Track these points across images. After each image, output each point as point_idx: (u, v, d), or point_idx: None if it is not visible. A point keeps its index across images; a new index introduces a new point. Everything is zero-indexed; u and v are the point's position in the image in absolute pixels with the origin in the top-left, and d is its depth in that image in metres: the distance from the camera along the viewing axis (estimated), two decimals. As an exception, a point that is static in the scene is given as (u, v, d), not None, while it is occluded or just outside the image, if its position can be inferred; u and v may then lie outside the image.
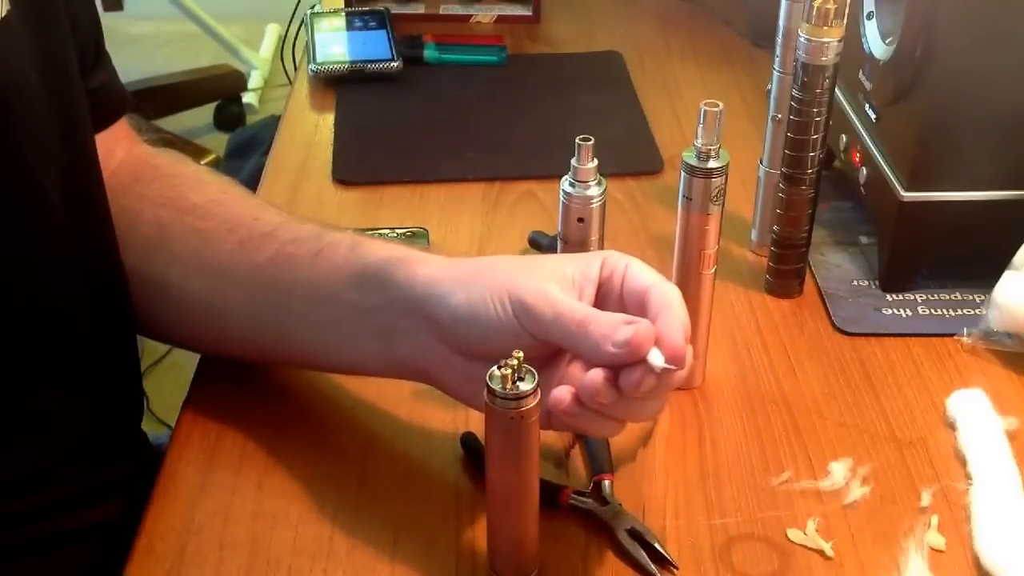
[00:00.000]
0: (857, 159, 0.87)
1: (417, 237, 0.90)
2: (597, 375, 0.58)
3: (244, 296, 0.70)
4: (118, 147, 0.77)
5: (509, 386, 0.55)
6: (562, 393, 0.59)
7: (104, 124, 0.76)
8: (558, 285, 0.61)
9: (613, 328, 0.58)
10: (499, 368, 0.55)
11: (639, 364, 0.57)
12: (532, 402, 0.55)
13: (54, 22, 0.67)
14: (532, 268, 0.62)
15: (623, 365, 0.58)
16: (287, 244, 0.70)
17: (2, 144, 0.62)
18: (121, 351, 0.76)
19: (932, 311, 0.83)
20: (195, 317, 0.73)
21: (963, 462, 0.69)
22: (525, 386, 0.55)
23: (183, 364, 0.78)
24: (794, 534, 0.65)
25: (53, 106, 0.66)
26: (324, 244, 0.68)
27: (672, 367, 0.57)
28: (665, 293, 0.60)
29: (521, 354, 0.56)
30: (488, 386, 0.55)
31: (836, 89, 0.78)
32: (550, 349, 0.61)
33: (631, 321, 0.58)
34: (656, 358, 0.57)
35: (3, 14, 0.62)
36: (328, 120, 1.09)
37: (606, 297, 0.62)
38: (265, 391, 0.73)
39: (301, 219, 0.73)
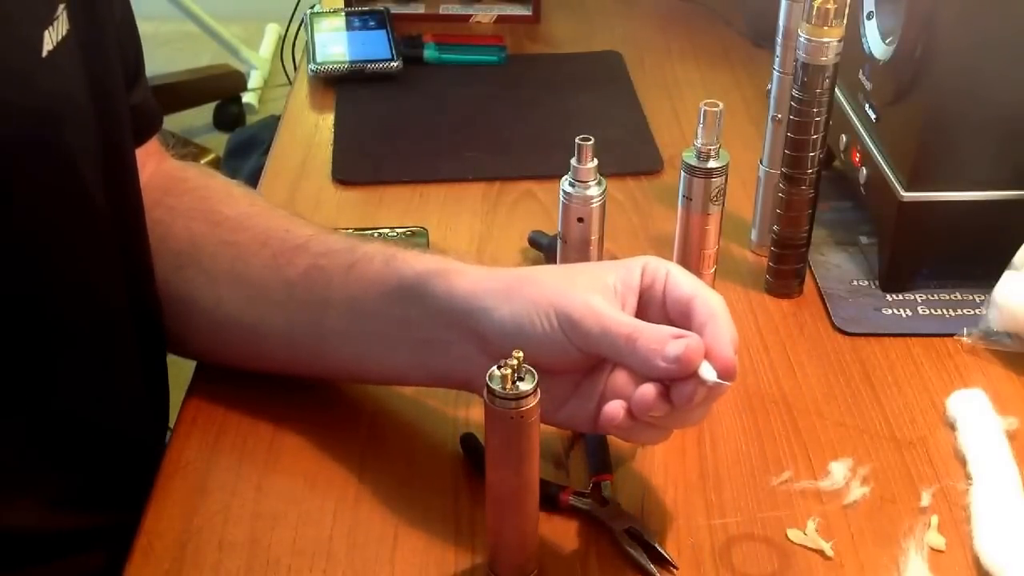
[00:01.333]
0: (857, 159, 0.87)
1: (417, 237, 0.89)
2: (649, 391, 0.58)
3: (279, 311, 0.70)
4: (149, 162, 0.77)
5: (509, 386, 0.55)
6: (615, 409, 0.59)
7: (140, 140, 0.76)
8: (601, 296, 0.60)
9: (662, 343, 0.58)
10: (499, 368, 0.55)
11: (690, 378, 0.58)
12: (532, 402, 0.55)
13: (106, 43, 0.68)
14: (574, 280, 0.62)
15: (673, 379, 0.58)
16: (319, 257, 0.69)
17: (58, 157, 0.63)
18: (154, 364, 0.76)
19: (932, 311, 0.83)
20: (227, 332, 0.72)
21: (963, 462, 0.69)
22: (525, 386, 0.55)
23: (182, 364, 0.78)
24: (794, 534, 0.65)
25: (99, 122, 0.67)
26: (357, 257, 0.68)
27: (724, 382, 0.58)
28: (709, 302, 0.60)
29: (521, 354, 0.55)
30: (488, 386, 0.55)
31: (836, 89, 0.78)
32: (595, 359, 0.61)
33: (679, 335, 0.58)
34: (708, 372, 0.58)
35: (63, 34, 0.63)
36: (328, 120, 1.08)
37: (648, 305, 0.62)
38: (264, 392, 0.73)
39: (330, 230, 0.72)
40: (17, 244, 0.62)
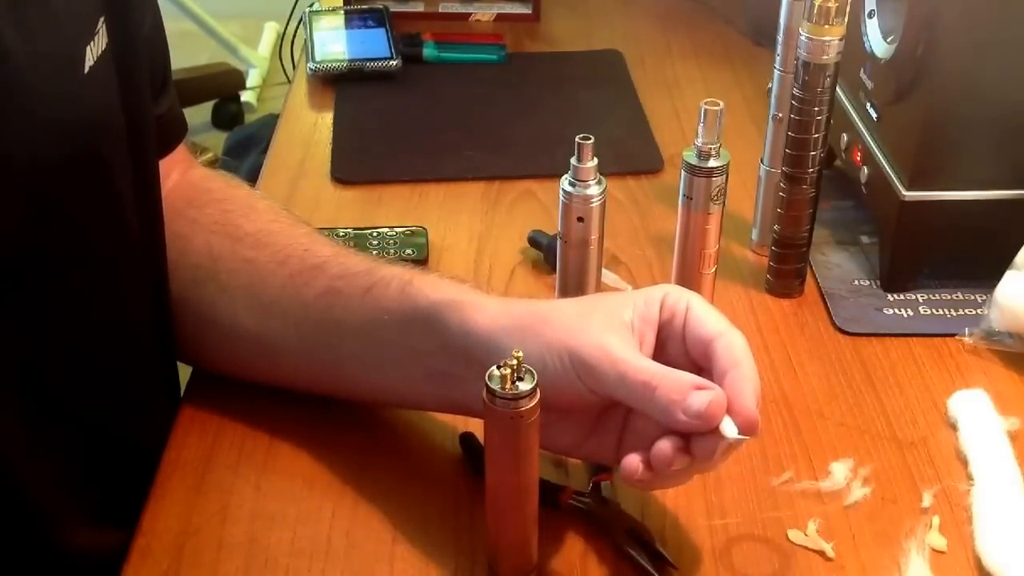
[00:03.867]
0: (858, 158, 0.87)
1: (416, 236, 0.89)
2: (667, 446, 0.57)
3: (294, 332, 0.69)
4: (174, 171, 0.77)
5: (508, 386, 0.55)
6: (634, 463, 0.57)
7: (166, 150, 0.76)
8: (617, 336, 0.59)
9: (682, 394, 0.56)
10: (498, 368, 0.55)
11: (711, 432, 0.56)
12: (531, 402, 0.55)
13: (137, 54, 0.68)
14: (589, 318, 0.60)
15: (693, 432, 0.57)
16: (336, 279, 0.68)
17: (97, 172, 0.64)
18: (172, 375, 0.76)
19: (933, 311, 0.82)
20: (243, 349, 0.72)
21: (964, 463, 0.69)
22: (524, 386, 0.55)
23: (180, 365, 0.78)
24: (795, 535, 0.64)
25: (130, 135, 0.67)
26: (375, 280, 0.67)
27: (745, 437, 0.56)
28: (732, 347, 0.58)
29: (521, 354, 0.55)
30: (487, 386, 0.55)
31: (837, 88, 0.78)
32: (613, 400, 0.60)
33: (701, 386, 0.56)
34: (729, 429, 0.56)
35: (103, 48, 0.63)
36: (327, 119, 1.08)
37: (667, 340, 0.61)
38: (263, 392, 0.73)
39: (351, 251, 0.71)
40: (58, 258, 0.63)
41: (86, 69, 0.62)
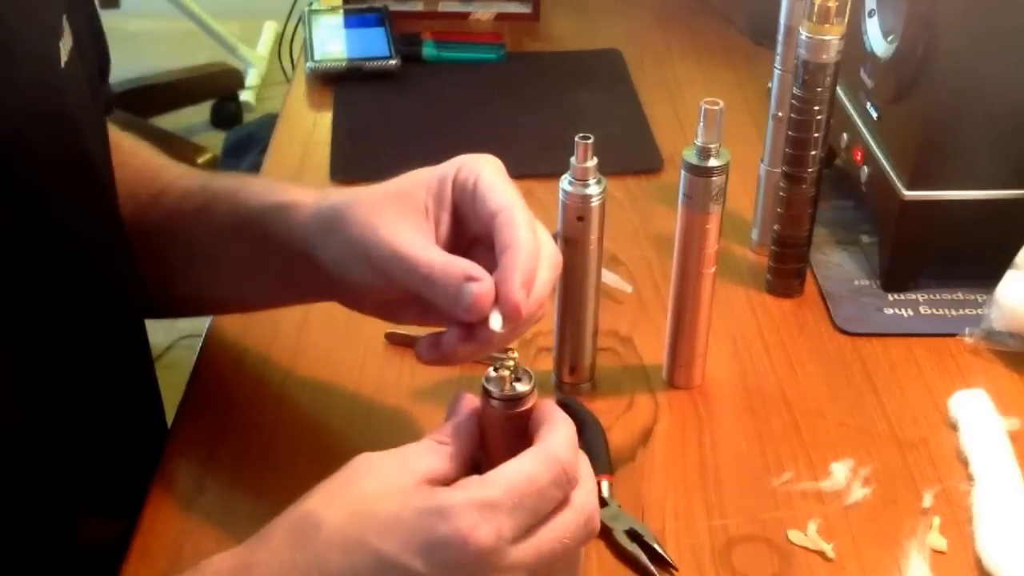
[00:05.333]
0: (858, 158, 0.87)
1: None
2: (453, 338, 0.58)
3: (161, 260, 0.72)
4: None
5: (507, 388, 0.55)
6: (424, 352, 0.60)
7: None
8: (408, 225, 0.60)
9: (456, 286, 0.57)
10: (496, 370, 0.55)
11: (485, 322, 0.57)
12: (530, 403, 0.55)
13: (87, 46, 0.69)
14: (382, 211, 0.61)
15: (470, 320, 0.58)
16: (179, 200, 0.72)
17: (86, 166, 0.65)
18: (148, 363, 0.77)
19: (934, 311, 0.82)
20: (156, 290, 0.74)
21: (965, 463, 0.69)
22: (522, 387, 0.55)
23: (180, 363, 0.78)
24: (795, 535, 0.64)
25: (100, 126, 0.69)
26: (207, 199, 0.71)
27: (510, 327, 0.57)
28: (511, 224, 0.58)
29: (517, 355, 0.55)
30: (485, 388, 0.55)
31: (837, 87, 0.78)
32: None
33: (473, 276, 0.57)
34: (495, 322, 0.57)
35: (71, 45, 0.64)
36: (326, 118, 1.08)
37: (465, 216, 0.62)
38: (262, 391, 0.73)
39: (191, 170, 0.75)
40: (50, 254, 0.63)
41: (62, 64, 0.62)
